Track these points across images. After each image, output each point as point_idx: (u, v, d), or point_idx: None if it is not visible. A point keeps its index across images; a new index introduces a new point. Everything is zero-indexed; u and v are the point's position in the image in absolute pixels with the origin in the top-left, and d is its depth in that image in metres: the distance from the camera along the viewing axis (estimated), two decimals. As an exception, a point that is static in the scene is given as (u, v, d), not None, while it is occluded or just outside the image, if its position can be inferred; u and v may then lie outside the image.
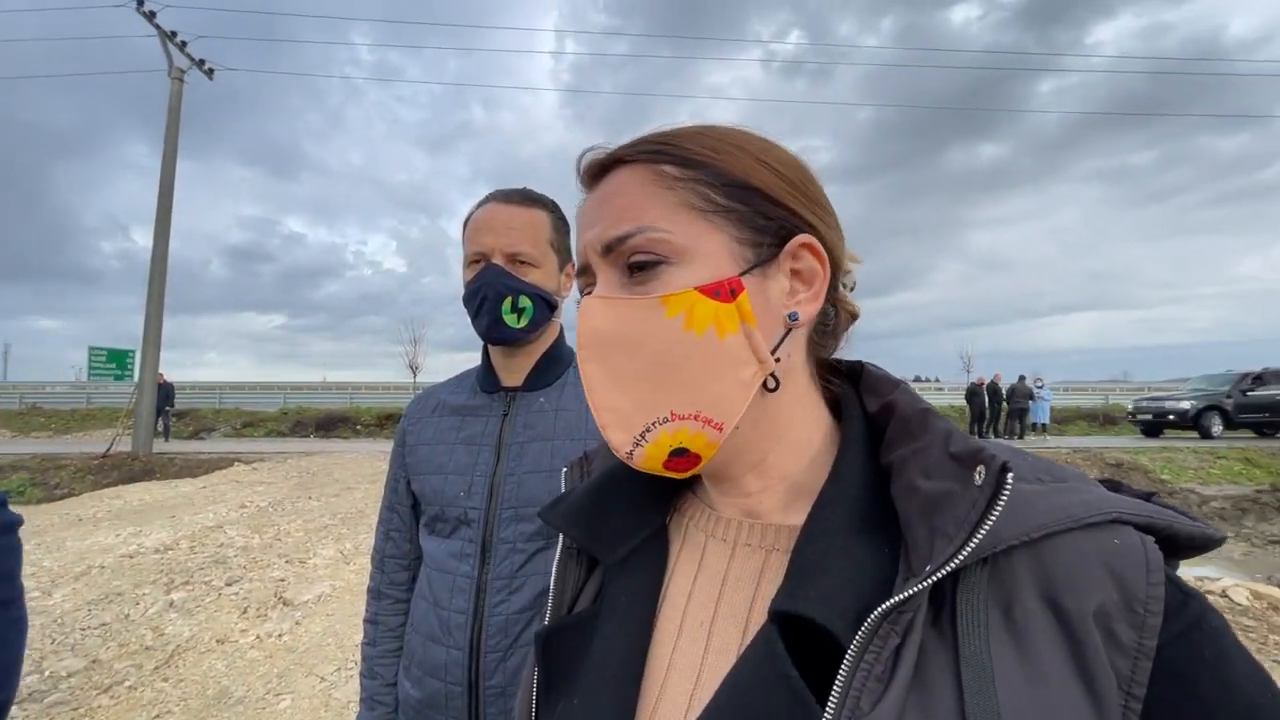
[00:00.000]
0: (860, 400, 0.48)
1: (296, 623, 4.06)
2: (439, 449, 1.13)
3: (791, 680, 0.35)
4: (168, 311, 14.06)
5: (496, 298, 1.06)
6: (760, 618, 0.42)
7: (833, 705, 0.34)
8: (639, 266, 0.43)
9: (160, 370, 14.31)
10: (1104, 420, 19.85)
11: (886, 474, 0.43)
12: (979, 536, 0.34)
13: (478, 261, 1.09)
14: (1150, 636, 0.33)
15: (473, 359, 1.30)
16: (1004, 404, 17.36)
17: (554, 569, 0.52)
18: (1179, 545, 0.37)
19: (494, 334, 1.09)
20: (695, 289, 0.41)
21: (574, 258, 1.19)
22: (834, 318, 0.49)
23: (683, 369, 0.42)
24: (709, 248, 0.43)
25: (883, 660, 0.34)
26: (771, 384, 0.43)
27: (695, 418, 0.42)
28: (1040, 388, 17.34)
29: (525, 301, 1.07)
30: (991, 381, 17.85)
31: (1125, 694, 0.33)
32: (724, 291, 0.42)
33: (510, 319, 1.07)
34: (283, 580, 4.83)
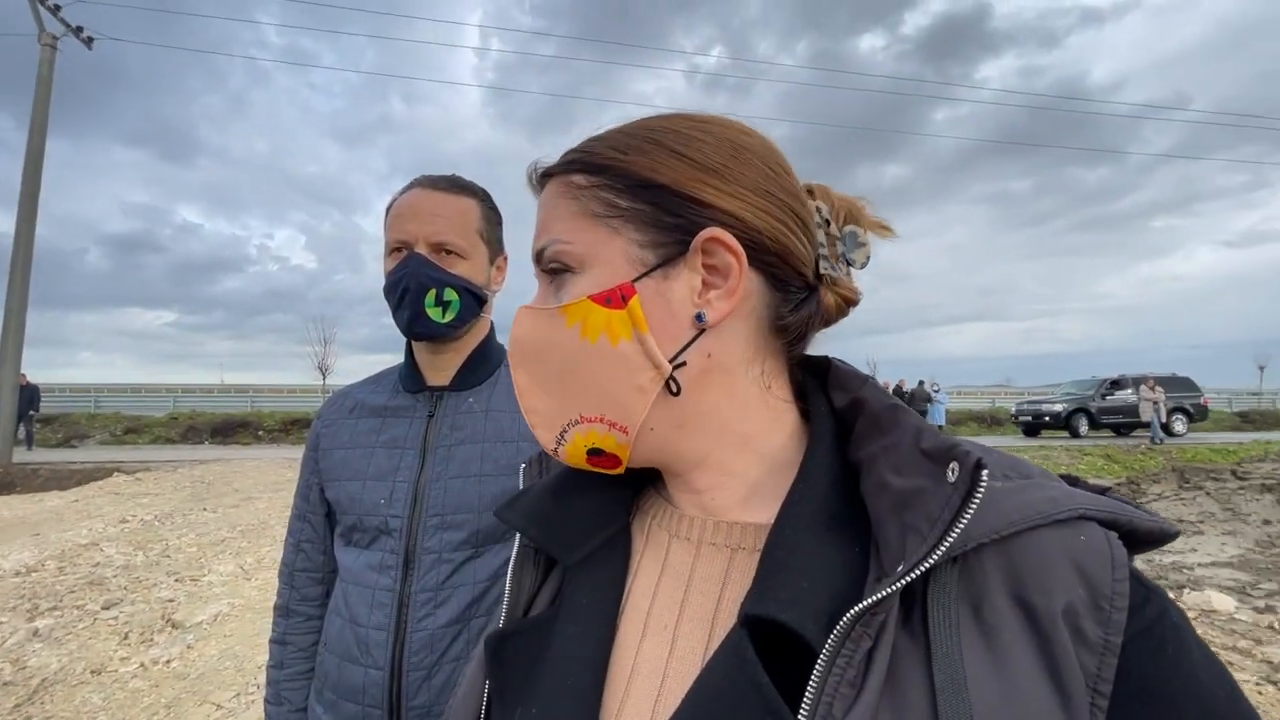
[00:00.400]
0: (828, 396, 0.48)
1: (188, 646, 3.72)
2: (357, 453, 1.06)
3: (763, 688, 0.34)
4: (33, 305, 12.60)
5: (419, 290, 1.00)
6: (726, 619, 0.41)
7: (805, 713, 0.33)
8: (554, 277, 0.45)
9: (23, 370, 12.79)
10: (991, 422, 21.70)
11: (856, 471, 0.42)
12: (953, 535, 0.33)
13: (400, 250, 1.03)
14: (1116, 633, 0.33)
15: (387, 361, 1.24)
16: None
17: (509, 570, 0.50)
18: (1137, 540, 0.37)
19: (417, 328, 1.03)
20: (588, 298, 0.43)
21: (504, 250, 1.16)
22: (800, 307, 0.46)
23: (583, 375, 0.44)
24: (607, 254, 0.43)
25: (855, 664, 0.33)
26: (674, 388, 0.43)
27: (601, 420, 0.44)
28: (936, 391, 18.62)
29: (451, 294, 1.02)
30: (897, 385, 19.01)
31: (1092, 690, 0.33)
32: (615, 299, 0.42)
33: (434, 313, 1.02)
34: (171, 601, 4.40)
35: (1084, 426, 17.33)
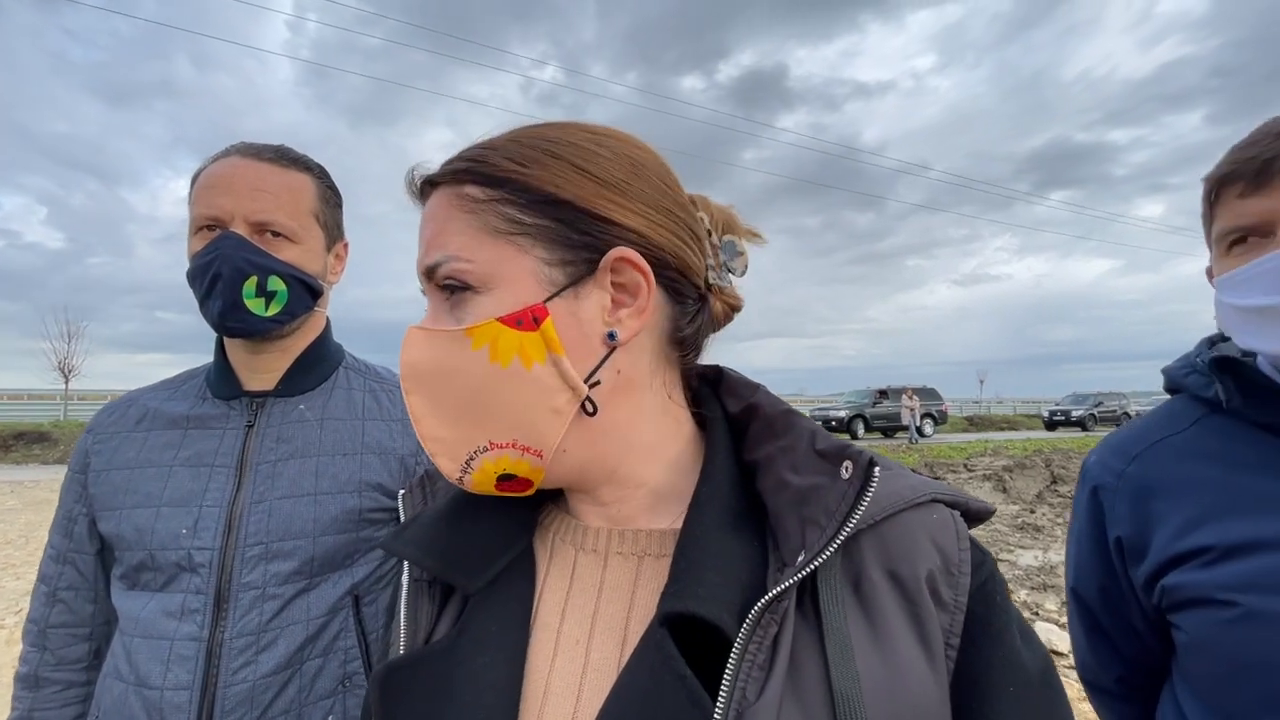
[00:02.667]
0: (721, 403, 0.50)
1: None
2: (147, 474, 0.87)
3: (686, 680, 0.35)
4: None
5: (235, 276, 0.84)
6: (638, 627, 0.42)
7: (722, 699, 0.34)
8: (451, 295, 0.43)
9: None
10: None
11: (751, 470, 0.45)
12: (849, 525, 0.37)
13: (210, 229, 0.86)
14: (963, 593, 0.40)
15: (158, 363, 1.07)
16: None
17: (402, 605, 0.47)
18: (968, 516, 0.44)
19: (231, 322, 0.86)
20: (497, 320, 0.41)
21: (344, 236, 1.03)
22: (695, 317, 0.48)
23: (493, 401, 0.42)
24: (513, 273, 0.41)
25: (764, 649, 0.36)
26: (590, 408, 0.43)
27: (513, 446, 0.42)
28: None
29: (277, 283, 0.87)
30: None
31: (946, 644, 0.39)
32: (526, 320, 0.41)
33: (255, 305, 0.86)
34: None
35: (861, 429, 20.79)
